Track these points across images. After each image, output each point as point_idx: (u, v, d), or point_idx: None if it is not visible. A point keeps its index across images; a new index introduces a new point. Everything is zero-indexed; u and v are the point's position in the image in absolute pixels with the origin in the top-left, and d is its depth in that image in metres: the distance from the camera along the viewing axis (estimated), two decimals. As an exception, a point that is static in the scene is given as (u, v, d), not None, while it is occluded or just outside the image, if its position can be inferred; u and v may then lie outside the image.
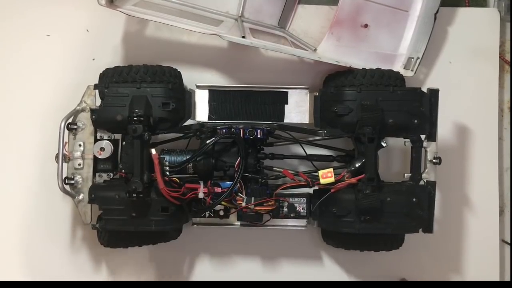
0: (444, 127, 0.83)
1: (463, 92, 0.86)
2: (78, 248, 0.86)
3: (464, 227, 0.86)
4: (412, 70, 0.82)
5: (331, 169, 0.74)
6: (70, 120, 0.75)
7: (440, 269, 0.86)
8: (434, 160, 0.75)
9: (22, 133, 0.86)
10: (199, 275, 0.86)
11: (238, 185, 0.71)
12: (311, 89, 0.81)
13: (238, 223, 0.78)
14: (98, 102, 0.75)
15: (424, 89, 0.75)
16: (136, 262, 0.86)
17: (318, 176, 0.73)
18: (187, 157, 0.75)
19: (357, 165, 0.74)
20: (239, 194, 0.72)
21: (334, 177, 0.73)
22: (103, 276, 0.86)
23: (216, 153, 0.77)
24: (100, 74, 0.76)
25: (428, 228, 0.75)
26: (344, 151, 0.82)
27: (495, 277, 0.85)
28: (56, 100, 0.83)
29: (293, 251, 0.86)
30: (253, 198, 0.72)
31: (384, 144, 0.74)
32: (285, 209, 0.74)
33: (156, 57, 0.83)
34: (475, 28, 0.87)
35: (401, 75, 0.78)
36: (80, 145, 0.76)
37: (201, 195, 0.71)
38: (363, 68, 0.77)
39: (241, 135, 0.75)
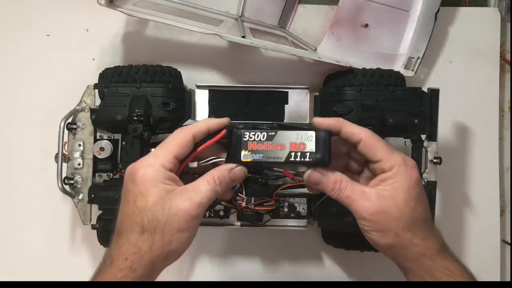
0: (445, 127, 0.83)
1: (463, 92, 0.86)
2: (77, 248, 0.86)
3: (465, 227, 0.86)
4: (412, 70, 0.82)
5: (331, 169, 0.74)
6: (69, 120, 0.75)
7: (440, 269, 0.85)
8: (434, 160, 0.75)
9: (21, 133, 0.86)
10: (199, 275, 0.86)
11: (238, 185, 0.71)
12: (311, 89, 0.81)
13: (238, 223, 0.78)
14: (98, 102, 0.75)
15: (425, 89, 0.75)
16: (136, 262, 0.85)
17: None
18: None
19: (357, 165, 0.74)
20: (239, 194, 0.72)
21: (334, 177, 0.73)
22: (103, 276, 0.86)
23: (216, 153, 0.77)
24: (100, 74, 0.76)
25: (428, 228, 0.75)
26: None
27: (496, 277, 0.85)
28: (55, 100, 0.83)
29: (293, 251, 0.86)
30: (253, 198, 0.72)
31: (384, 144, 0.74)
32: (285, 209, 0.74)
33: (156, 57, 0.83)
34: (476, 28, 0.86)
35: (402, 75, 0.78)
36: (79, 145, 0.76)
37: (201, 195, 0.71)
38: (363, 68, 0.76)
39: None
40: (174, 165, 0.53)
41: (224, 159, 0.57)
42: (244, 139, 0.54)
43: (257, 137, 0.54)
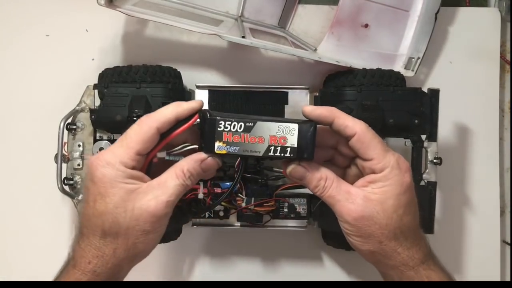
0: (445, 127, 0.83)
1: (463, 92, 0.86)
2: (77, 248, 0.85)
3: (465, 227, 0.86)
4: (412, 70, 0.82)
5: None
6: (69, 120, 0.75)
7: (440, 270, 0.86)
8: (434, 161, 0.75)
9: (21, 133, 0.86)
10: (199, 275, 0.86)
11: (238, 185, 0.71)
12: (312, 89, 0.81)
13: (238, 223, 0.78)
14: (98, 102, 0.75)
15: (425, 89, 0.75)
16: (135, 263, 0.85)
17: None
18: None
19: (357, 166, 0.74)
20: (239, 194, 0.71)
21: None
22: (102, 276, 0.86)
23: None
24: (100, 74, 0.76)
25: (428, 228, 0.75)
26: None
27: (496, 277, 0.85)
28: (55, 100, 0.83)
29: (293, 252, 0.86)
30: (253, 199, 0.72)
31: (384, 144, 0.74)
32: (285, 210, 0.74)
33: (155, 57, 0.83)
34: (476, 28, 0.86)
35: (402, 75, 0.78)
36: (79, 145, 0.76)
37: (200, 196, 0.71)
38: (363, 68, 0.76)
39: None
40: (137, 162, 0.48)
41: (197, 146, 0.51)
42: (219, 129, 0.48)
43: (233, 128, 0.48)
